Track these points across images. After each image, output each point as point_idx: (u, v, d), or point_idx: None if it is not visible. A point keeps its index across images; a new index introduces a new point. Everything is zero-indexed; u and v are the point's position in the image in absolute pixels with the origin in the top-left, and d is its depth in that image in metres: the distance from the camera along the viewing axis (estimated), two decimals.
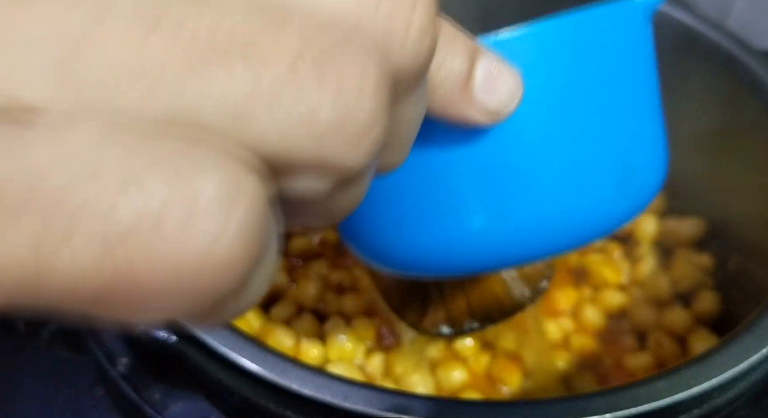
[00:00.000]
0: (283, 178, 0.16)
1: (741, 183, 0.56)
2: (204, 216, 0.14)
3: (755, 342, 0.39)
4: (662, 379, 0.37)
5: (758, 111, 0.52)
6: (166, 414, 0.44)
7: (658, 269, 0.58)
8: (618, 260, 0.59)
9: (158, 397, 0.44)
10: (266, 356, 0.38)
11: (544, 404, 0.36)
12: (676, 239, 0.60)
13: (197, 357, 0.42)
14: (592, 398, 0.36)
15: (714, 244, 0.59)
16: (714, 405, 0.40)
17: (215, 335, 0.39)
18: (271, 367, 0.37)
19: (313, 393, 0.36)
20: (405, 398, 0.36)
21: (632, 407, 0.36)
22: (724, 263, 0.57)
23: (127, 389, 0.44)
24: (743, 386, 0.41)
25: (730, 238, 0.57)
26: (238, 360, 0.38)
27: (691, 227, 0.60)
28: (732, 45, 0.55)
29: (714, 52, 0.55)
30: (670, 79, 0.60)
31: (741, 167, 0.55)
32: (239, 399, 0.41)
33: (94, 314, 0.14)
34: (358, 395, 0.36)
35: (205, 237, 0.14)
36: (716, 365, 0.38)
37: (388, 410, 0.35)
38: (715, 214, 0.59)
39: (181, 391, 0.45)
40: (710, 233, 0.60)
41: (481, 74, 0.23)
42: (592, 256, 0.59)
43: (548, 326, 0.54)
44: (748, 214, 0.55)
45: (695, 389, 0.37)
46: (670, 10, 0.58)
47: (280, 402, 0.40)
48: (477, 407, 0.37)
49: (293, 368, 0.37)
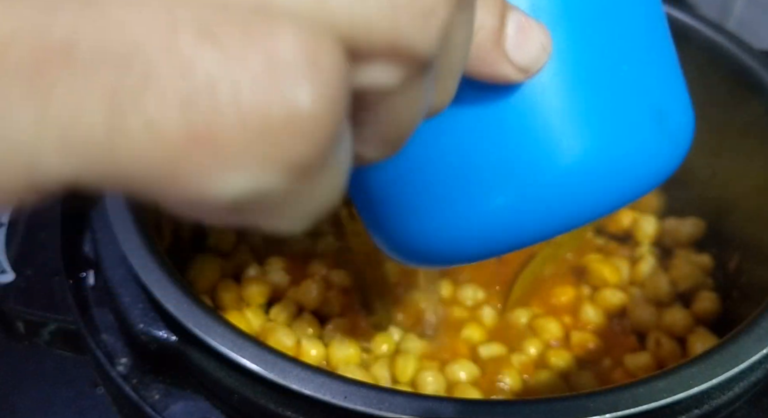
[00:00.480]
0: (357, 66, 0.16)
1: (741, 183, 0.56)
2: (287, 72, 0.13)
3: (755, 342, 0.39)
4: (662, 379, 0.37)
5: (758, 111, 0.52)
6: (166, 414, 0.44)
7: (658, 269, 0.58)
8: (618, 260, 0.59)
9: (158, 397, 0.44)
10: (266, 355, 0.38)
11: (545, 404, 0.36)
12: (676, 239, 0.60)
13: (197, 357, 0.42)
14: (592, 398, 0.36)
15: (714, 244, 0.59)
16: (714, 405, 0.40)
17: (215, 335, 0.39)
18: (271, 367, 0.37)
19: (313, 393, 0.36)
20: (405, 397, 0.36)
21: (632, 407, 0.36)
22: (724, 263, 0.57)
23: (127, 389, 0.44)
24: (743, 386, 0.41)
25: (730, 238, 0.57)
26: (238, 360, 0.38)
27: (691, 227, 0.60)
28: (732, 45, 0.55)
29: (714, 52, 0.55)
30: None
31: (741, 167, 0.55)
32: (239, 399, 0.41)
33: (166, 187, 0.14)
34: (358, 395, 0.36)
35: (290, 91, 0.14)
36: (716, 365, 0.38)
37: (388, 410, 0.35)
38: (715, 214, 0.59)
39: (181, 391, 0.45)
40: (710, 233, 0.60)
41: (512, 30, 0.23)
42: (592, 255, 0.59)
43: (548, 325, 0.54)
44: (748, 214, 0.55)
45: (695, 389, 0.37)
46: (670, 10, 0.58)
47: (280, 402, 0.40)
48: (477, 406, 0.37)
49: (293, 368, 0.37)
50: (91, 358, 0.48)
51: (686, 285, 0.56)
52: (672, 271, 0.57)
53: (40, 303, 0.50)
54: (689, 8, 0.60)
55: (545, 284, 0.57)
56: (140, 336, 0.43)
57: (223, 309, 0.56)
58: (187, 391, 0.45)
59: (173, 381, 0.45)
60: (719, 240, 0.59)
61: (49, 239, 0.53)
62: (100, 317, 0.48)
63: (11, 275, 0.51)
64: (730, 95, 0.55)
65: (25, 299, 0.50)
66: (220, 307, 0.56)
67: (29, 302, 0.50)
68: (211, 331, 0.39)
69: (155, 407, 0.44)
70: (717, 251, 0.59)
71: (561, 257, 0.58)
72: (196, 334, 0.39)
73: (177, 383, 0.45)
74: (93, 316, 0.48)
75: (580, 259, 0.59)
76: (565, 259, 0.58)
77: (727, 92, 0.55)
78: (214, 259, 0.58)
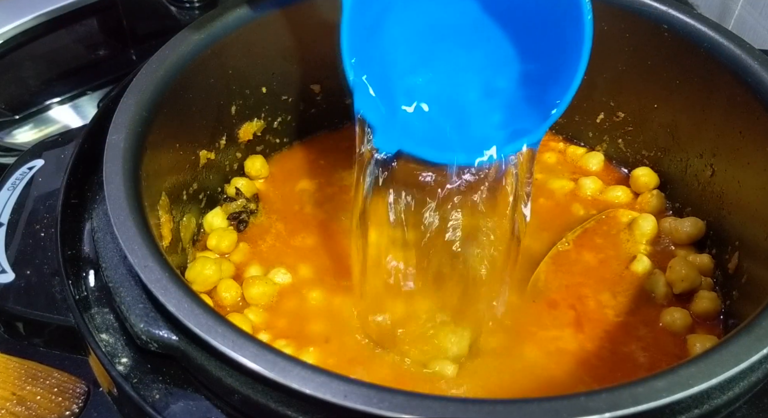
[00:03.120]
0: None
1: (741, 183, 0.56)
2: None
3: (755, 342, 0.39)
4: (662, 378, 0.37)
5: (758, 111, 0.52)
6: (166, 414, 0.44)
7: (657, 269, 0.58)
8: (618, 260, 0.59)
9: (158, 396, 0.44)
10: (267, 355, 0.38)
11: (545, 403, 0.36)
12: (676, 239, 0.60)
13: (198, 356, 0.42)
14: (592, 397, 0.36)
15: (714, 244, 0.59)
16: (714, 405, 0.40)
17: (216, 335, 0.39)
18: (272, 366, 0.37)
19: (313, 392, 0.36)
20: (405, 397, 0.36)
21: (632, 407, 0.36)
22: (724, 263, 0.57)
23: (127, 389, 0.44)
24: (743, 386, 0.41)
25: (730, 238, 0.57)
26: (238, 359, 0.38)
27: (691, 227, 0.60)
28: (732, 45, 0.55)
29: (714, 52, 0.55)
30: (670, 79, 0.61)
31: (741, 167, 0.55)
32: (239, 398, 0.41)
33: None
34: (358, 394, 0.36)
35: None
36: (716, 365, 0.38)
37: (388, 409, 0.35)
38: (715, 214, 0.59)
39: (181, 391, 0.45)
40: (710, 233, 0.60)
41: None
42: (592, 254, 0.59)
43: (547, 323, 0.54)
44: (748, 214, 0.55)
45: (695, 389, 0.37)
46: (671, 10, 0.58)
47: (280, 401, 0.40)
48: (477, 405, 0.37)
49: (293, 367, 0.37)
50: (91, 358, 0.48)
51: (686, 285, 0.56)
52: (672, 271, 0.57)
53: (40, 303, 0.50)
54: (689, 8, 0.60)
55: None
56: (140, 336, 0.43)
57: (223, 309, 0.56)
58: (187, 391, 0.45)
59: (173, 381, 0.45)
60: (719, 240, 0.59)
61: (49, 239, 0.53)
62: (100, 317, 0.48)
63: (11, 275, 0.51)
64: (729, 95, 0.55)
65: (25, 299, 0.50)
66: (220, 307, 0.56)
67: (29, 302, 0.50)
68: (211, 331, 0.39)
69: (155, 407, 0.44)
70: (717, 251, 0.59)
71: (560, 256, 0.59)
72: (197, 333, 0.39)
73: (177, 383, 0.45)
74: (93, 316, 0.48)
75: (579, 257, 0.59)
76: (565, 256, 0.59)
77: (727, 92, 0.55)
78: (214, 259, 0.58)
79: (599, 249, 0.60)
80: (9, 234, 0.54)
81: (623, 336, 0.54)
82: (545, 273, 0.58)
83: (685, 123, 0.61)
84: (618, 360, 0.52)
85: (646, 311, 0.56)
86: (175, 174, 0.56)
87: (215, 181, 0.63)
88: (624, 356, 0.53)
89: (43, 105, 0.81)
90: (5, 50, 0.80)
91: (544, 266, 0.58)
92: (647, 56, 0.61)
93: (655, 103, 0.63)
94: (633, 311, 0.56)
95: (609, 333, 0.54)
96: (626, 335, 0.54)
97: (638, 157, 0.67)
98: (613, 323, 0.55)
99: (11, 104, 0.81)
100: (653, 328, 0.54)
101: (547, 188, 0.65)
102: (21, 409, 0.45)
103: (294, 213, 0.64)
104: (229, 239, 0.60)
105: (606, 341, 0.53)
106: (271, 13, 0.60)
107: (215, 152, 0.62)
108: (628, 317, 0.55)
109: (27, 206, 0.56)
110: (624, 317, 0.55)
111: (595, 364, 0.52)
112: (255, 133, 0.65)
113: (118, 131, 0.48)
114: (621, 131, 0.67)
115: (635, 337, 0.54)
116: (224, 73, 0.59)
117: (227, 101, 0.61)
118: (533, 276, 0.57)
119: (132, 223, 0.43)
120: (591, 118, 0.68)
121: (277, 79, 0.64)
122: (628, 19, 0.60)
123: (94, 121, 0.58)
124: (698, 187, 0.61)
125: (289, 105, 0.67)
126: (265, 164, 0.66)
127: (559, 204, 0.64)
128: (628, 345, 0.53)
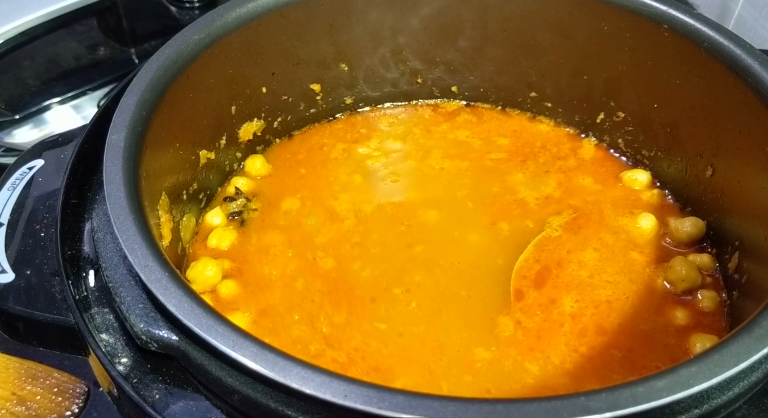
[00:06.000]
0: None
1: (741, 183, 0.56)
2: None
3: (755, 342, 0.39)
4: (662, 378, 0.37)
5: (758, 111, 0.52)
6: (166, 414, 0.44)
7: (658, 269, 0.58)
8: (618, 259, 0.59)
9: (158, 396, 0.44)
10: (267, 354, 0.38)
11: (545, 403, 0.36)
12: (676, 238, 0.60)
13: (198, 356, 0.42)
14: (592, 397, 0.36)
15: (714, 244, 0.59)
16: (714, 405, 0.40)
17: (216, 335, 0.39)
18: (272, 366, 0.37)
19: (313, 392, 0.36)
20: (405, 396, 0.36)
21: (632, 406, 0.36)
22: (725, 262, 0.57)
23: (127, 389, 0.44)
24: (743, 386, 0.41)
25: (730, 238, 0.57)
26: (238, 359, 0.38)
27: (691, 226, 0.60)
28: (732, 45, 0.55)
29: (714, 52, 0.55)
30: (670, 79, 0.61)
31: (741, 167, 0.55)
32: (240, 398, 0.41)
33: None
34: (358, 394, 0.36)
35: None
36: (716, 365, 0.38)
37: (388, 409, 0.35)
38: (715, 214, 0.59)
39: (181, 390, 0.45)
40: (710, 233, 0.60)
41: None
42: (592, 253, 0.59)
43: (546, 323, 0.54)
44: (748, 214, 0.55)
45: (695, 389, 0.37)
46: (671, 10, 0.58)
47: (280, 401, 0.40)
48: (477, 405, 0.37)
49: (294, 367, 0.37)
50: (91, 358, 0.48)
51: (686, 285, 0.56)
52: (672, 271, 0.57)
53: (40, 303, 0.50)
54: (689, 8, 0.60)
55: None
56: (140, 336, 0.43)
57: (223, 308, 0.56)
58: (187, 391, 0.45)
59: (173, 381, 0.45)
60: (719, 240, 0.59)
61: (49, 239, 0.53)
62: (100, 317, 0.48)
63: (11, 274, 0.51)
64: (730, 95, 0.55)
65: (25, 299, 0.50)
66: (220, 306, 0.56)
67: (29, 302, 0.50)
68: (211, 330, 0.39)
69: (155, 407, 0.44)
70: (717, 251, 0.59)
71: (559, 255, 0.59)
72: (197, 333, 0.39)
73: (177, 383, 0.45)
74: (93, 316, 0.48)
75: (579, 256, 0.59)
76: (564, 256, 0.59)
77: (727, 92, 0.55)
78: (214, 259, 0.58)
79: (599, 247, 0.60)
80: (9, 234, 0.54)
81: (623, 336, 0.54)
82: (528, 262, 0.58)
83: (685, 123, 0.61)
84: (618, 360, 0.52)
85: (646, 310, 0.56)
86: (175, 174, 0.56)
87: (215, 180, 0.63)
88: (624, 355, 0.53)
89: (43, 105, 0.82)
90: (5, 50, 0.81)
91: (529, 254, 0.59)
92: (647, 56, 0.61)
93: (655, 103, 0.63)
94: (633, 311, 0.56)
95: (608, 333, 0.54)
96: (626, 335, 0.54)
97: (638, 158, 0.67)
98: (612, 323, 0.55)
99: (11, 104, 0.81)
100: (653, 328, 0.54)
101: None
102: (21, 409, 0.45)
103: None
104: (229, 239, 0.60)
105: (605, 340, 0.53)
106: (271, 13, 0.60)
107: (215, 152, 0.62)
108: (627, 316, 0.55)
109: (27, 206, 0.56)
110: (624, 317, 0.55)
111: (595, 364, 0.52)
112: (255, 133, 0.66)
113: (118, 131, 0.48)
114: (621, 131, 0.67)
115: (635, 337, 0.54)
116: (224, 73, 0.59)
117: (227, 101, 0.61)
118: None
119: (132, 223, 0.43)
120: (591, 118, 0.68)
121: (277, 79, 0.64)
122: (628, 19, 0.60)
123: (94, 121, 0.58)
124: (698, 187, 0.61)
125: (289, 105, 0.67)
126: (265, 164, 0.66)
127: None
128: (628, 345, 0.53)
